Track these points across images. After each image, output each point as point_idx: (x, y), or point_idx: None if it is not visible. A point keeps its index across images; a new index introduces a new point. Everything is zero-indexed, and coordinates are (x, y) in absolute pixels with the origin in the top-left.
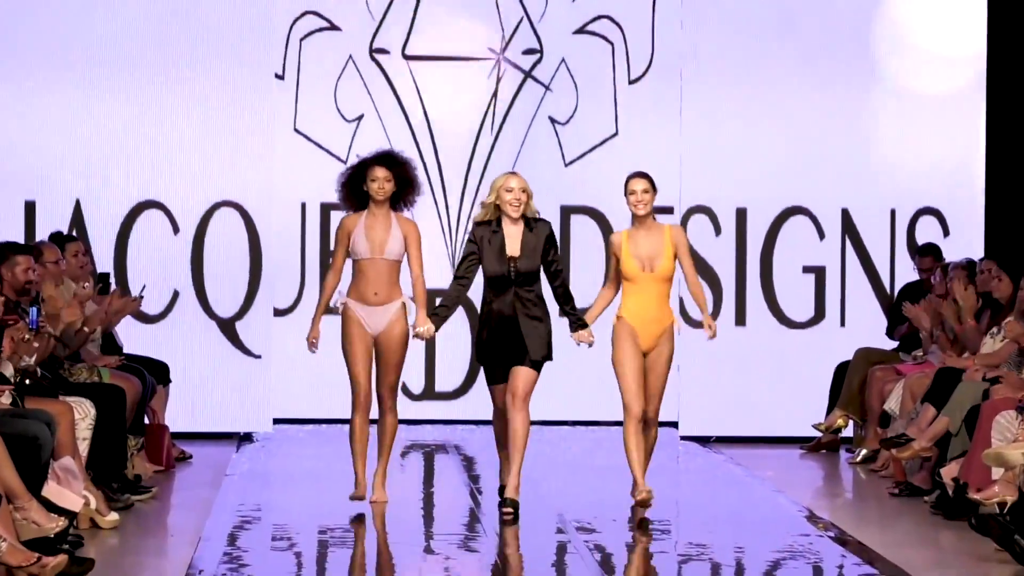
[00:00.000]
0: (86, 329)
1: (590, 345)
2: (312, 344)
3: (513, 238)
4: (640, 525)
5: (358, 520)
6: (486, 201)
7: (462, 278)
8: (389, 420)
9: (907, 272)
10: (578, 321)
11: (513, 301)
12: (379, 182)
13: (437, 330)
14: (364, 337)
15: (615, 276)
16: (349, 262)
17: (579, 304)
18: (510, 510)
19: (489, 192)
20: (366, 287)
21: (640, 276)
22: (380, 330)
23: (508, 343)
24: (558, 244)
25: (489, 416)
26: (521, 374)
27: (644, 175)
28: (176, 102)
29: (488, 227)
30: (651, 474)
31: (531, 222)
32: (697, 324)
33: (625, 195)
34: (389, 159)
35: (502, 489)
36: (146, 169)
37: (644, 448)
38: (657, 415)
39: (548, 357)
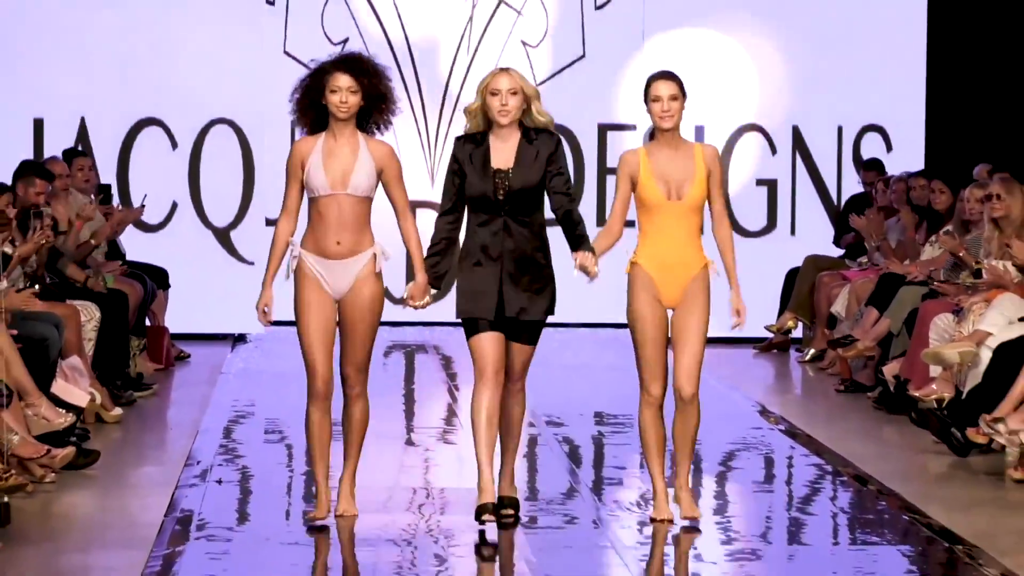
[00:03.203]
0: (92, 242)
1: (591, 277)
2: (264, 315)
3: (503, 149)
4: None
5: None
6: (470, 106)
7: (449, 212)
8: (358, 410)
9: (853, 185)
10: (586, 244)
11: (501, 234)
12: (341, 94)
13: (437, 289)
14: (323, 302)
15: (621, 210)
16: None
17: None
18: (511, 511)
19: (475, 97)
20: (325, 234)
21: (664, 206)
22: (344, 291)
23: (496, 291)
24: (567, 161)
25: None
26: (516, 353)
27: (671, 75)
28: (174, 27)
29: (471, 141)
30: (617, 374)
31: (531, 132)
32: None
33: (646, 102)
34: (355, 64)
35: (481, 510)
36: (146, 89)
37: (684, 434)
38: (696, 392)
39: (549, 311)
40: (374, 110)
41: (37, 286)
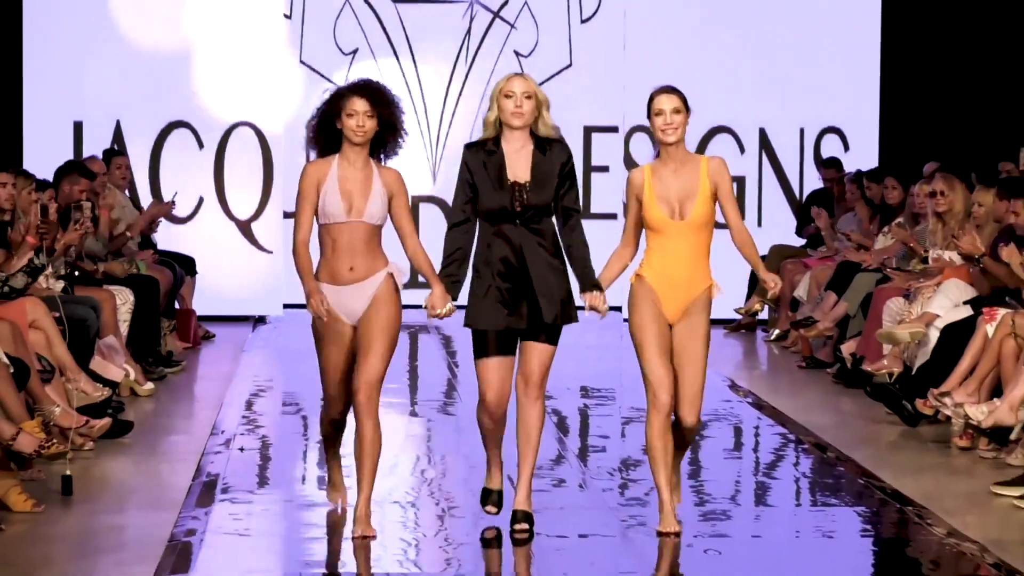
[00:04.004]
0: (128, 234)
1: (602, 316)
2: (322, 311)
3: (518, 159)
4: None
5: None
6: (488, 117)
7: (459, 222)
8: (369, 431)
9: (814, 181)
10: (593, 281)
11: (519, 244)
12: (358, 117)
13: (455, 299)
14: (341, 334)
15: (634, 228)
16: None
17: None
18: (525, 526)
19: (489, 105)
20: (338, 261)
21: (668, 225)
22: (360, 313)
23: (512, 303)
24: (577, 176)
25: None
26: (536, 353)
27: (674, 90)
28: (200, 38)
29: (482, 148)
30: (599, 352)
31: (544, 142)
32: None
33: (649, 117)
34: (372, 91)
35: (487, 494)
36: (176, 95)
37: (676, 452)
38: (698, 421)
39: (570, 319)
40: (386, 138)
41: (64, 282)
